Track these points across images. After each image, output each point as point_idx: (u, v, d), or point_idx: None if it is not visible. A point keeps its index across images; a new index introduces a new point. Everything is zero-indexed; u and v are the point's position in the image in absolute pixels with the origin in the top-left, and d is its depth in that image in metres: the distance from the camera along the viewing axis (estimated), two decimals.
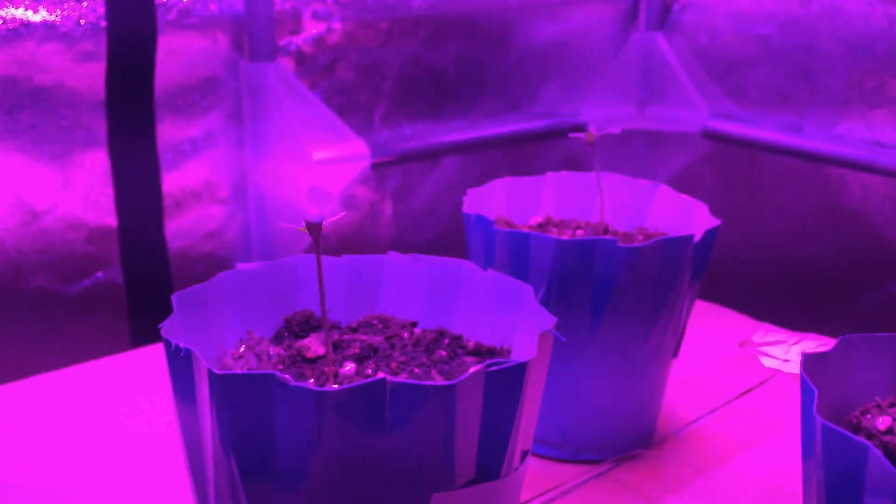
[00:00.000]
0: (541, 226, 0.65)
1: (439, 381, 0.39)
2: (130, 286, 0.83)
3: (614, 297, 0.55)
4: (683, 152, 1.12)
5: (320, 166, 0.85)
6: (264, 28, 0.83)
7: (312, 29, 0.87)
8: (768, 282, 1.06)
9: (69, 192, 0.79)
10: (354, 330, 0.47)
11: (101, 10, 0.76)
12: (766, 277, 1.06)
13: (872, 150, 0.92)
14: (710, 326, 0.81)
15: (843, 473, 0.33)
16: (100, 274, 0.82)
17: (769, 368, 0.73)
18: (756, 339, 0.78)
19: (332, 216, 0.41)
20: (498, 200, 0.67)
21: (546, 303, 0.56)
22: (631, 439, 0.61)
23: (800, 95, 0.99)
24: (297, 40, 0.87)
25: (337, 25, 0.89)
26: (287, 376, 0.33)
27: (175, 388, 0.37)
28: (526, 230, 0.57)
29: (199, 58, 0.82)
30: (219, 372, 0.33)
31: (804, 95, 0.98)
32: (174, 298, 0.40)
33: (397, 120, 0.97)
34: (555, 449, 0.60)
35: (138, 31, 0.76)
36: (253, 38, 0.82)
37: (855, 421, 0.39)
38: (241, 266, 0.46)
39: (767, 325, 0.81)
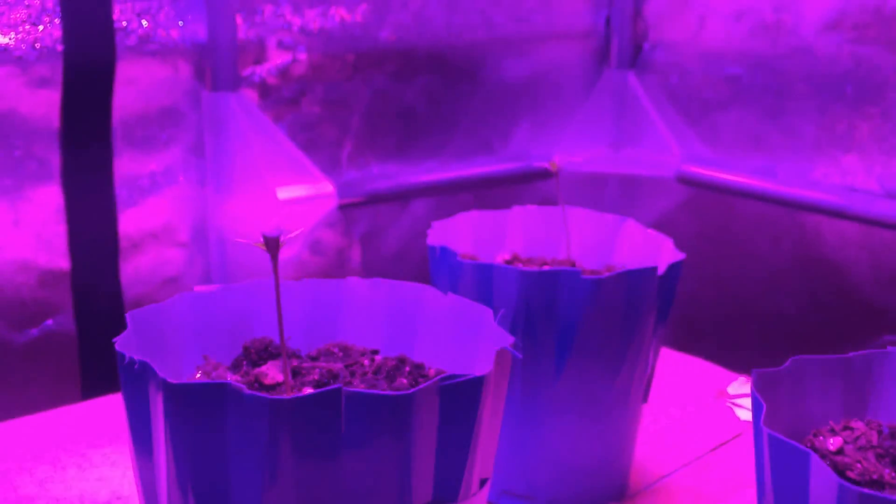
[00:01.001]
0: (507, 262, 0.67)
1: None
2: (83, 336, 0.82)
3: (579, 332, 0.57)
4: (658, 198, 1.15)
5: (286, 206, 0.87)
6: (227, 57, 0.85)
7: (277, 59, 0.90)
8: (744, 333, 1.08)
9: (19, 231, 0.79)
10: (314, 358, 0.48)
11: (58, 33, 0.76)
12: (742, 328, 1.08)
13: (846, 195, 0.94)
14: (684, 378, 0.82)
15: (789, 483, 0.35)
16: (50, 321, 0.81)
17: (744, 421, 0.75)
18: (731, 390, 0.80)
19: (292, 233, 0.42)
20: (464, 235, 0.69)
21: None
22: (603, 492, 0.62)
23: (772, 138, 1.02)
24: (261, 70, 0.89)
25: (302, 56, 0.91)
26: (241, 385, 0.34)
27: (128, 407, 0.39)
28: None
29: (160, 87, 0.83)
30: (172, 381, 0.35)
31: (776, 138, 1.02)
32: (129, 316, 0.42)
33: (365, 158, 0.99)
34: (524, 501, 0.61)
35: (96, 56, 0.76)
36: (215, 67, 0.84)
37: (809, 444, 0.41)
38: (198, 289, 0.47)
39: (743, 377, 0.82)
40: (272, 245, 0.42)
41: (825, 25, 0.95)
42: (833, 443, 0.39)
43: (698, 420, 0.75)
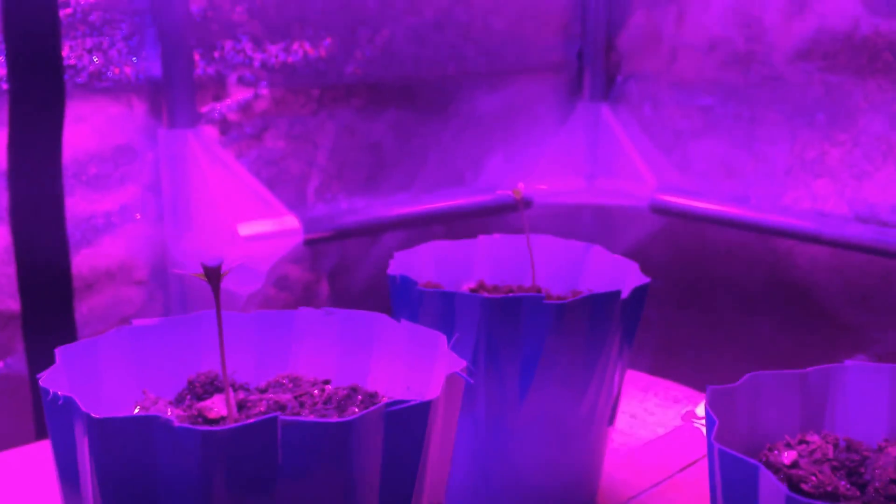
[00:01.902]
0: (473, 291, 0.66)
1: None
2: (36, 378, 0.80)
3: (543, 357, 0.56)
4: (633, 227, 1.15)
5: (248, 242, 0.86)
6: (184, 93, 0.84)
7: (238, 95, 0.89)
8: (720, 357, 1.07)
9: None
10: (263, 390, 0.47)
11: (3, 71, 0.75)
12: (718, 352, 1.07)
13: (817, 220, 0.95)
14: (652, 399, 0.82)
15: (740, 497, 0.34)
16: (1, 364, 0.80)
17: None
18: (699, 411, 0.79)
19: (236, 262, 0.41)
20: (428, 265, 0.68)
21: (474, 364, 0.56)
22: None
23: (744, 166, 1.02)
24: (221, 107, 0.89)
25: (264, 91, 0.90)
26: (170, 417, 0.33)
27: (54, 444, 0.37)
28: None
29: (113, 124, 0.82)
30: (96, 416, 0.33)
31: (748, 166, 1.02)
32: (58, 352, 0.40)
33: (332, 193, 0.98)
34: None
35: (44, 94, 0.76)
36: (172, 103, 0.84)
37: (764, 458, 0.40)
38: (138, 322, 0.46)
39: None
40: (212, 275, 0.41)
41: (796, 54, 0.96)
42: (787, 456, 0.39)
43: (667, 442, 0.74)
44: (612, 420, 0.62)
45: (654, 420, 0.78)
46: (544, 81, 1.14)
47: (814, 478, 0.37)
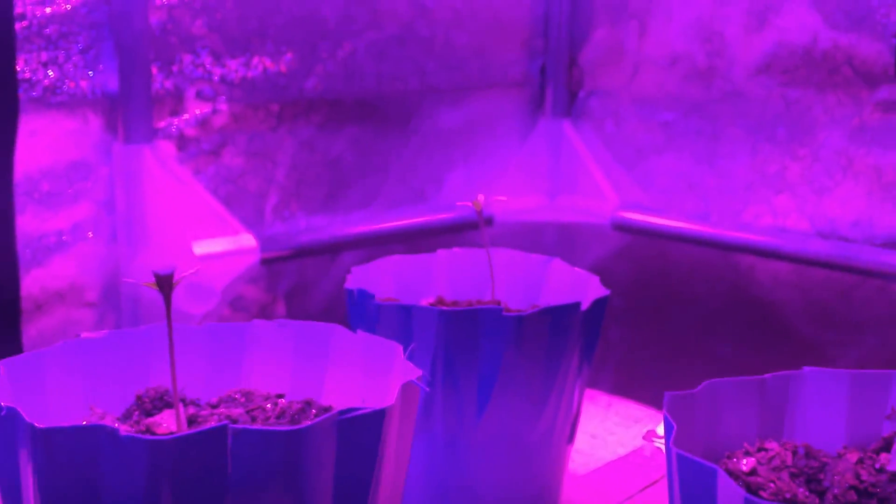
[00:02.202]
0: (432, 306, 0.66)
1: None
2: None
3: (502, 372, 0.56)
4: (595, 245, 1.15)
5: (203, 261, 0.85)
6: (141, 108, 0.83)
7: (196, 110, 0.88)
8: (683, 375, 1.08)
9: None
10: (215, 406, 0.46)
11: None
12: (681, 371, 1.08)
13: (778, 235, 0.95)
14: (613, 419, 0.82)
15: (698, 502, 0.34)
16: None
17: None
18: (660, 430, 0.79)
19: (188, 270, 0.41)
20: (386, 280, 0.68)
21: (431, 379, 0.56)
22: None
23: (706, 182, 1.03)
24: (179, 122, 0.88)
25: (223, 107, 0.90)
26: (117, 426, 0.32)
27: None
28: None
29: (68, 140, 0.81)
30: (40, 426, 0.32)
31: (710, 182, 1.03)
32: (2, 364, 0.39)
33: (291, 211, 0.98)
34: None
35: None
36: (128, 118, 0.83)
37: (723, 466, 0.40)
38: (86, 335, 0.45)
39: None
40: (164, 283, 0.40)
41: (756, 69, 0.97)
42: (746, 464, 0.39)
43: (627, 462, 0.74)
44: (571, 438, 0.62)
45: (615, 440, 0.78)
46: (506, 97, 1.14)
47: (772, 485, 0.37)
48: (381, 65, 1.02)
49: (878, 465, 0.39)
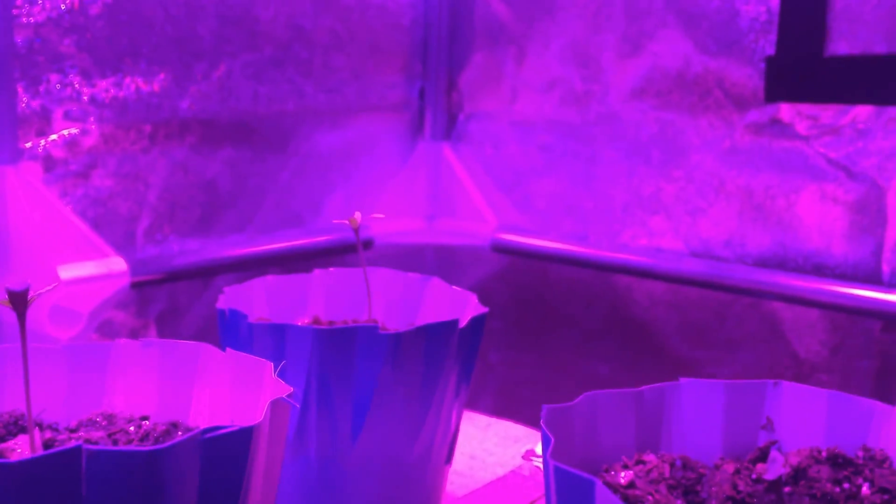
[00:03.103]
0: (308, 326, 0.65)
1: None
2: None
3: (378, 392, 0.55)
4: (474, 267, 1.16)
5: (69, 286, 0.82)
6: (6, 128, 0.80)
7: (64, 130, 0.86)
8: (562, 395, 1.09)
9: None
10: (74, 430, 0.44)
11: None
12: (555, 391, 1.09)
13: (653, 255, 0.98)
14: (492, 439, 0.82)
15: None
16: None
17: None
18: (538, 449, 0.80)
19: (47, 287, 0.39)
20: (259, 300, 0.67)
21: (305, 401, 0.55)
22: None
23: (583, 204, 1.05)
24: (46, 143, 0.85)
25: (93, 127, 0.87)
26: None
27: None
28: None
29: None
30: None
31: (587, 203, 1.05)
32: None
33: (164, 234, 0.95)
34: None
35: None
36: None
37: (601, 480, 0.40)
38: None
39: None
40: (18, 301, 0.38)
41: (631, 93, 0.99)
42: (624, 477, 0.39)
43: (506, 482, 0.74)
44: (449, 458, 0.62)
45: (494, 460, 0.78)
46: (386, 120, 1.15)
47: (650, 497, 0.37)
48: (258, 86, 1.00)
49: (754, 476, 0.39)
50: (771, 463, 0.35)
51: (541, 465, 0.77)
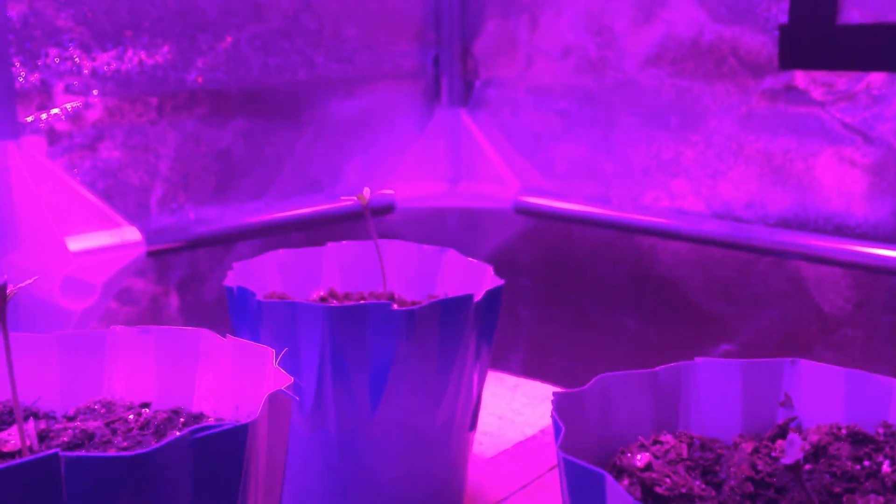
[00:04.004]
0: (323, 300, 0.61)
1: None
2: None
3: (395, 367, 0.52)
4: (498, 229, 1.13)
5: (80, 257, 0.79)
6: (4, 103, 0.76)
7: (66, 104, 0.82)
8: (588, 352, 1.07)
9: None
10: (72, 418, 0.41)
11: None
12: (586, 348, 1.07)
13: (676, 217, 0.95)
14: (520, 399, 0.80)
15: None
16: None
17: None
18: None
19: (26, 282, 0.35)
20: (271, 275, 0.63)
21: (320, 378, 0.52)
22: None
23: (604, 167, 1.01)
24: (48, 116, 0.82)
25: (96, 100, 0.84)
26: None
27: None
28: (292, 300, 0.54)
29: None
30: None
31: (608, 167, 1.01)
32: None
33: (179, 203, 0.92)
34: None
35: None
36: None
37: (618, 462, 0.37)
38: None
39: None
40: None
41: (646, 60, 0.96)
42: (641, 459, 0.36)
43: (535, 442, 0.72)
44: (473, 425, 0.59)
45: (523, 420, 0.76)
46: (401, 88, 1.11)
47: (668, 479, 0.34)
48: (267, 57, 0.97)
49: (774, 454, 0.36)
50: (789, 446, 0.32)
51: None
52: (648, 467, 0.35)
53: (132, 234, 0.83)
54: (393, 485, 0.55)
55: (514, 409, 0.78)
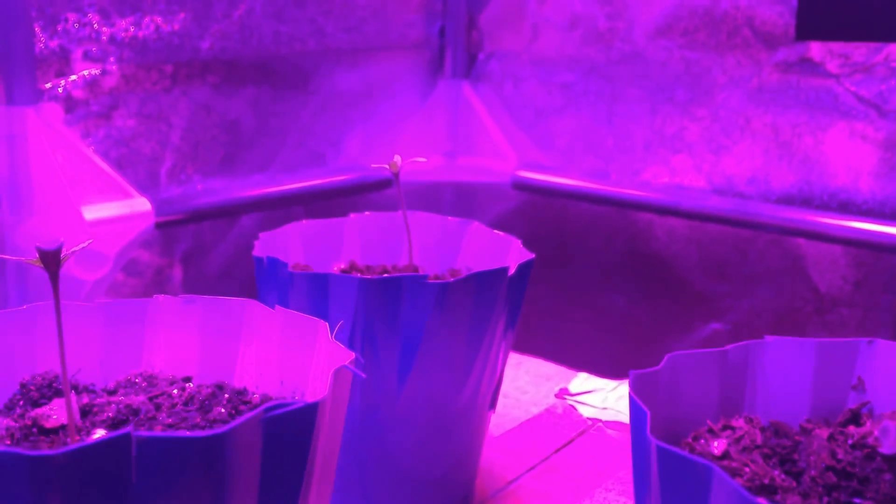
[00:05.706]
0: (344, 272, 0.59)
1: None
2: None
3: (425, 341, 0.50)
4: (494, 204, 1.11)
5: (94, 226, 0.76)
6: (24, 69, 0.73)
7: (84, 71, 0.79)
8: (582, 330, 1.05)
9: None
10: (112, 392, 0.39)
11: None
12: (580, 326, 1.05)
13: (676, 193, 0.93)
14: (524, 377, 0.78)
15: (683, 499, 0.29)
16: None
17: (588, 418, 0.71)
18: (572, 388, 0.75)
19: (78, 244, 0.33)
20: (294, 246, 0.61)
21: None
22: (446, 501, 0.56)
23: (605, 142, 0.99)
24: (66, 83, 0.78)
25: (113, 67, 0.81)
26: None
27: None
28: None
29: None
30: None
31: (609, 142, 0.99)
32: None
33: (187, 174, 0.89)
34: None
35: None
36: (10, 79, 0.73)
37: (689, 448, 0.35)
38: None
39: (584, 374, 0.78)
40: (50, 260, 0.33)
41: (656, 31, 0.93)
42: (717, 446, 0.33)
43: (541, 421, 0.70)
44: (493, 404, 0.57)
45: (528, 398, 0.74)
46: (406, 59, 1.08)
47: (748, 469, 0.32)
48: (279, 25, 0.94)
49: (850, 441, 0.34)
50: (883, 434, 0.30)
51: (575, 404, 0.73)
52: (726, 455, 0.33)
53: (143, 204, 0.81)
54: (410, 461, 0.54)
55: (518, 388, 0.76)
